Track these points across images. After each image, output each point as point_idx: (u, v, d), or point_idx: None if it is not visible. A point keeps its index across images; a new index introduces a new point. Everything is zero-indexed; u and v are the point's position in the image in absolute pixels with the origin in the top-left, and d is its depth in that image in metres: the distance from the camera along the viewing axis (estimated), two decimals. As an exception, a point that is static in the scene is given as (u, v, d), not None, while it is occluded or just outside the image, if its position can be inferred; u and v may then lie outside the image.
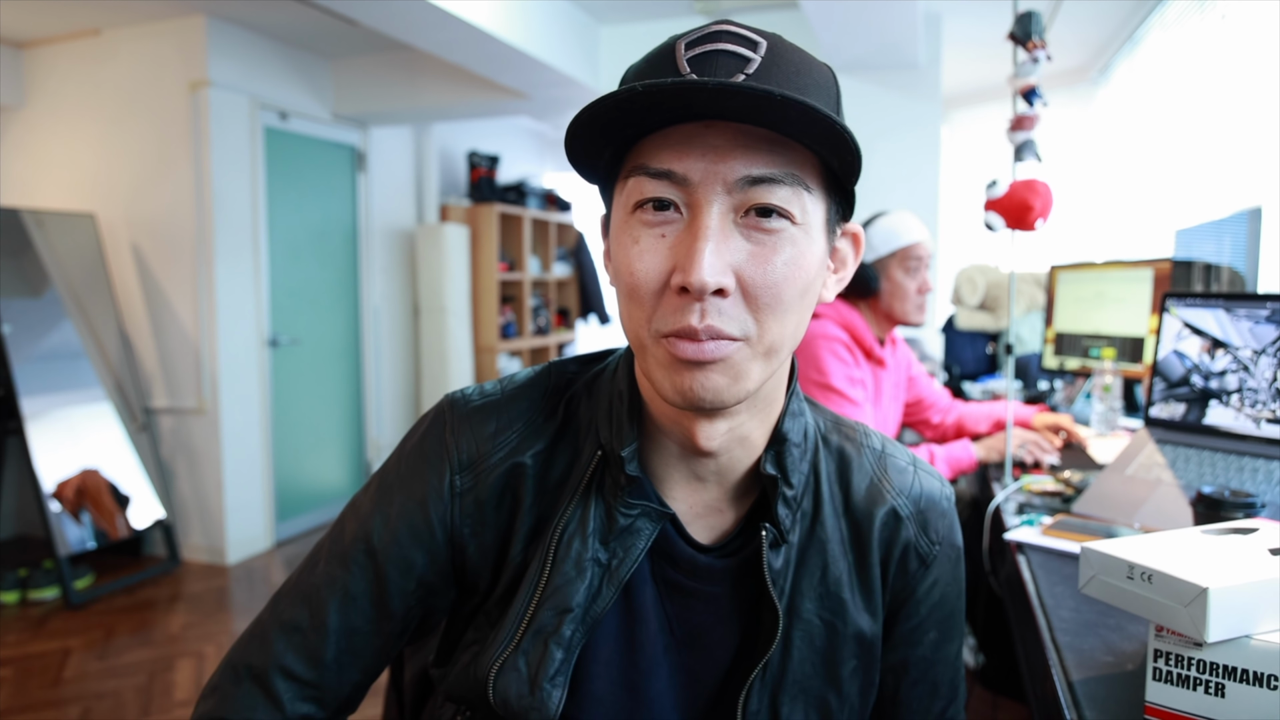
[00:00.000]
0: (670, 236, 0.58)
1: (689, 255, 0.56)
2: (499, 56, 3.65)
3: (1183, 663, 0.69)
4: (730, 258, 0.56)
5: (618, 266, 0.60)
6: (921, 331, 3.84)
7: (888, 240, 2.02)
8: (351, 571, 0.70)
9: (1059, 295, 2.55)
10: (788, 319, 0.59)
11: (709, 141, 0.56)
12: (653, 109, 0.55)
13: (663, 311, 0.58)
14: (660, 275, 0.58)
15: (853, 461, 0.73)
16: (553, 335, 6.14)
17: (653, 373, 0.60)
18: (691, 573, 0.69)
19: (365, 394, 4.92)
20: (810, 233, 0.59)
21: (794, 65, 0.59)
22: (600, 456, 0.67)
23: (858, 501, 0.72)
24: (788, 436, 0.67)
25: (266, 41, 4.10)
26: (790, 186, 0.57)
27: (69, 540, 3.42)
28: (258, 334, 4.09)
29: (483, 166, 5.51)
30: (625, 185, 0.60)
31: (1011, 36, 1.63)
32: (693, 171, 0.56)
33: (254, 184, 4.02)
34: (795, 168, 0.57)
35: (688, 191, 0.57)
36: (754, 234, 0.57)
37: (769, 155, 0.56)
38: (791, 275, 0.58)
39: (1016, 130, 1.64)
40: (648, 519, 0.66)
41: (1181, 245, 2.35)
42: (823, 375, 1.91)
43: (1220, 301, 1.50)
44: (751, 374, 0.59)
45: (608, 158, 0.61)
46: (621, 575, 0.65)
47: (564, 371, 0.74)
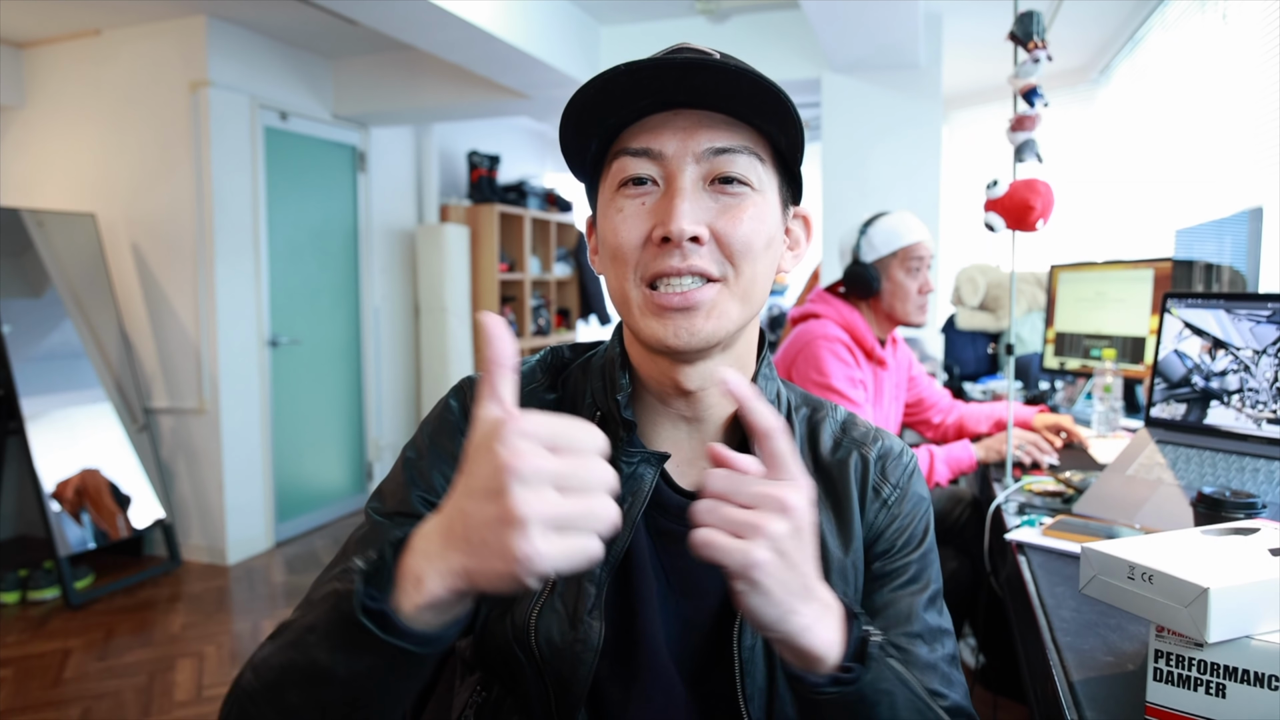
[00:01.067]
0: (650, 203, 0.68)
1: (668, 210, 0.66)
2: (499, 56, 3.65)
3: (1183, 663, 0.69)
4: (703, 215, 0.67)
5: (604, 236, 0.70)
6: (922, 331, 3.84)
7: (889, 240, 2.02)
8: (398, 523, 0.70)
9: (1059, 295, 2.55)
10: (758, 265, 0.69)
11: (678, 124, 0.67)
12: (632, 90, 0.65)
13: (645, 260, 0.67)
14: (642, 233, 0.67)
15: (820, 427, 0.81)
16: (553, 335, 6.14)
17: (636, 322, 0.69)
18: (681, 518, 0.71)
19: (365, 394, 4.92)
20: (767, 198, 0.70)
21: (752, 69, 0.67)
22: (599, 416, 0.74)
23: (825, 457, 0.79)
24: (762, 391, 0.75)
25: (266, 41, 4.10)
26: (747, 156, 0.68)
27: (69, 540, 3.42)
28: (258, 334, 4.09)
29: (483, 166, 5.51)
30: (610, 169, 0.70)
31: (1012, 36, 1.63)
32: (666, 146, 0.67)
33: (254, 184, 4.02)
34: (750, 142, 0.68)
35: (663, 164, 0.67)
36: (721, 197, 0.68)
37: (728, 132, 0.67)
38: (757, 228, 0.68)
39: (1017, 130, 1.64)
40: (647, 464, 0.72)
41: (1182, 245, 2.35)
42: (823, 375, 1.91)
43: (1221, 302, 1.50)
44: (730, 314, 0.68)
45: (594, 150, 0.71)
46: (634, 516, 0.71)
47: (561, 355, 0.83)
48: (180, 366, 3.91)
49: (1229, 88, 2.89)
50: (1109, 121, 4.56)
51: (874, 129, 4.04)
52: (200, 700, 2.67)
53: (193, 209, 3.80)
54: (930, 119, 4.03)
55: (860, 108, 4.06)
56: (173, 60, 3.81)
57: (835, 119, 4.10)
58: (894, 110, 4.03)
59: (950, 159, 5.21)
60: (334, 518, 4.69)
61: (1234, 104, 2.85)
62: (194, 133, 3.79)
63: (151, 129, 3.87)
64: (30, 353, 3.53)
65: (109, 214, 3.96)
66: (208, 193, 3.78)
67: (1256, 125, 2.61)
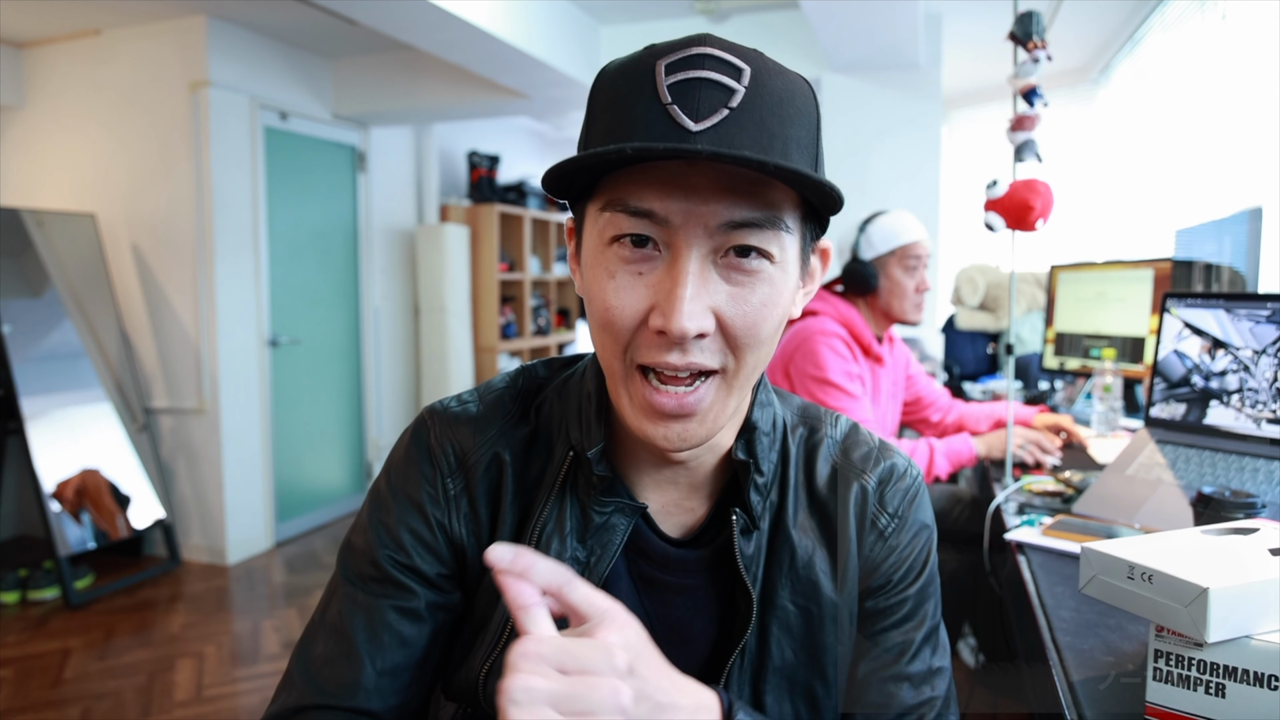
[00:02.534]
0: (648, 275, 0.58)
1: (669, 300, 0.56)
2: (499, 56, 3.64)
3: (1183, 663, 0.69)
4: (709, 299, 0.57)
5: (591, 297, 0.61)
6: (922, 331, 3.84)
7: (887, 239, 2.03)
8: (369, 590, 0.70)
9: (1059, 295, 2.55)
10: (763, 351, 0.61)
11: (690, 181, 0.55)
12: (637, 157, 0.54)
13: (639, 345, 0.59)
14: (638, 313, 0.58)
15: (817, 450, 0.74)
16: (553, 335, 6.14)
17: (624, 408, 0.62)
18: (665, 565, 0.70)
19: (365, 394, 4.92)
20: (786, 269, 0.60)
21: (777, 95, 0.57)
22: (572, 457, 0.69)
23: (821, 488, 0.72)
24: (757, 425, 0.69)
25: (266, 41, 4.10)
26: (770, 229, 0.57)
27: (69, 540, 3.42)
28: (258, 334, 4.09)
29: (483, 166, 5.51)
30: (602, 215, 0.59)
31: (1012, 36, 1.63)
32: (674, 214, 0.56)
33: (254, 184, 4.02)
34: (775, 209, 0.57)
35: (668, 232, 0.57)
36: (733, 274, 0.58)
37: (750, 198, 0.56)
38: (768, 313, 0.59)
39: (1017, 130, 1.64)
40: (621, 515, 0.68)
41: (1182, 245, 2.35)
42: (820, 370, 1.92)
43: (1220, 302, 1.50)
44: (726, 409, 0.62)
45: (581, 183, 0.61)
46: (600, 571, 0.67)
47: (534, 376, 0.76)
48: (180, 366, 3.91)
49: (1229, 88, 2.89)
50: (1109, 121, 4.56)
51: (874, 129, 4.04)
52: (200, 700, 2.67)
53: (193, 209, 3.80)
54: (930, 119, 4.03)
55: (860, 108, 4.06)
56: (173, 60, 3.81)
57: (835, 119, 4.10)
58: (894, 110, 4.03)
59: (950, 159, 5.21)
60: (334, 518, 4.69)
61: (1234, 104, 2.85)
62: (194, 133, 3.79)
63: (151, 129, 3.87)
64: (30, 353, 3.53)
65: (109, 214, 3.96)
66: (208, 193, 3.78)
67: (1256, 125, 2.61)
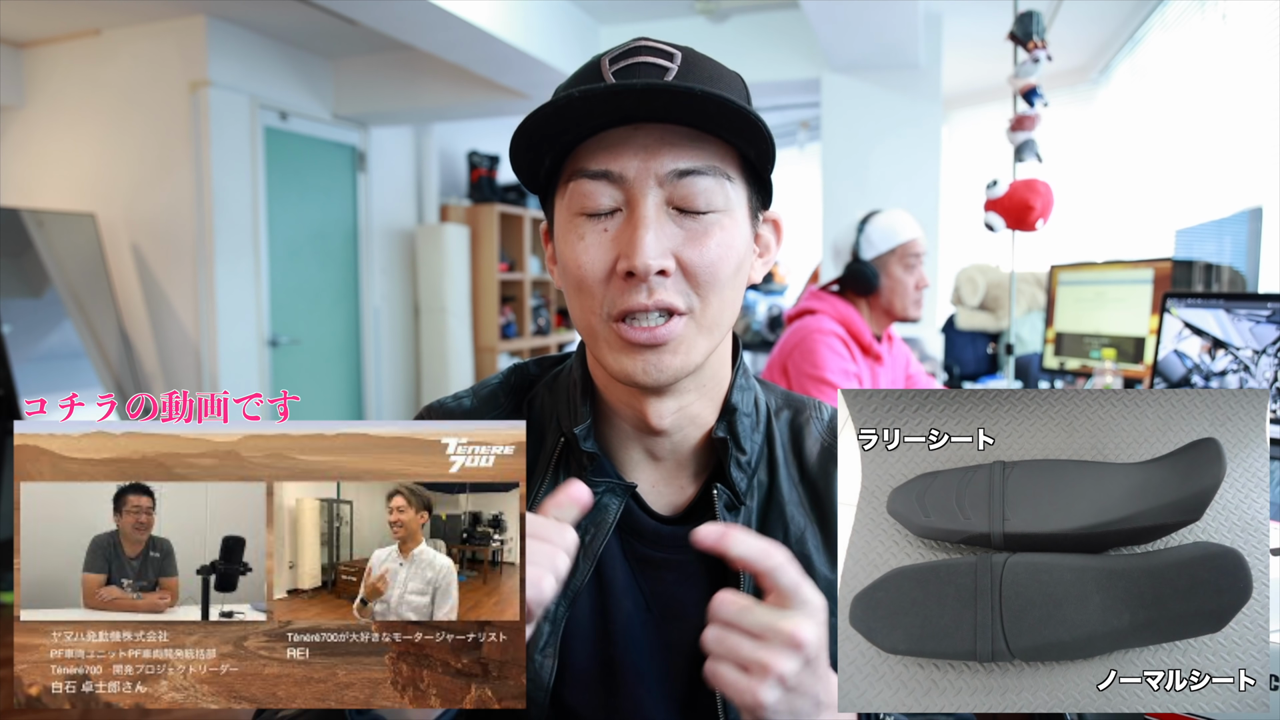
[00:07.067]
0: (612, 230, 0.64)
1: (631, 242, 0.62)
2: (499, 56, 3.65)
3: (1183, 663, 0.69)
4: (668, 243, 0.63)
5: (564, 263, 0.67)
6: (922, 331, 3.84)
7: (886, 238, 2.03)
8: None
9: (1059, 295, 2.55)
10: (725, 294, 0.66)
11: (639, 141, 0.63)
12: (587, 114, 0.62)
13: (611, 295, 0.65)
14: (605, 265, 0.64)
15: (804, 430, 0.77)
16: (553, 335, 6.14)
17: (604, 356, 0.67)
18: (657, 543, 0.72)
19: (365, 394, 4.92)
20: (735, 217, 0.66)
21: (707, 72, 0.66)
22: (563, 443, 0.73)
23: (811, 465, 0.76)
24: (737, 407, 0.72)
25: (266, 41, 4.10)
26: (714, 177, 0.64)
27: (69, 540, 3.42)
28: (258, 334, 4.09)
29: (483, 166, 5.51)
30: (566, 189, 0.66)
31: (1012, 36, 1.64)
32: (627, 169, 0.63)
33: (254, 184, 4.02)
34: (717, 160, 0.65)
35: (624, 188, 0.64)
36: (686, 221, 0.64)
37: (693, 150, 0.64)
38: (724, 255, 0.65)
39: (1017, 130, 1.64)
40: (612, 494, 0.71)
41: (1182, 245, 2.35)
42: (817, 369, 1.92)
43: (1220, 302, 1.50)
44: (697, 347, 0.66)
45: (548, 165, 0.67)
46: (595, 549, 0.70)
47: (526, 373, 0.81)
48: (180, 366, 3.91)
49: (1229, 88, 2.89)
50: (1109, 121, 4.56)
51: (874, 129, 4.04)
52: (200, 700, 2.67)
53: (193, 209, 3.80)
54: (930, 119, 4.03)
55: (860, 108, 4.06)
56: (173, 60, 3.81)
57: (835, 119, 4.10)
58: (894, 110, 4.03)
59: (950, 159, 5.21)
60: (334, 518, 4.69)
61: (1234, 104, 2.85)
62: (194, 133, 3.79)
63: (151, 129, 3.87)
64: (30, 353, 3.53)
65: (109, 214, 3.96)
66: (208, 193, 3.78)
67: (1256, 125, 2.61)
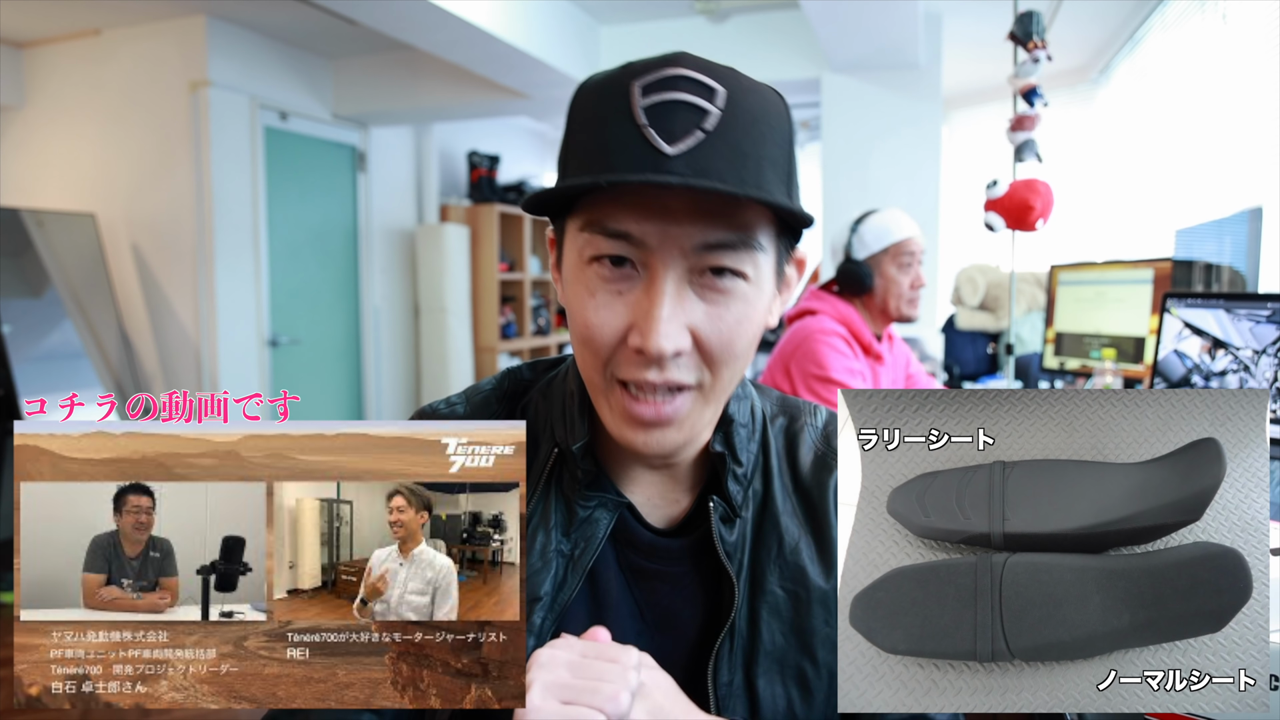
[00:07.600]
0: (627, 294, 0.60)
1: (647, 320, 0.58)
2: (499, 56, 3.65)
3: (1183, 663, 0.69)
4: (686, 318, 0.59)
5: (573, 313, 0.63)
6: (922, 331, 3.84)
7: (879, 237, 2.03)
8: None
9: (1059, 295, 2.55)
10: (738, 365, 0.64)
11: (665, 204, 0.57)
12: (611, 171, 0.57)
13: (619, 362, 0.62)
14: (617, 331, 0.60)
15: (798, 438, 0.76)
16: (553, 335, 6.14)
17: (604, 416, 0.65)
18: (652, 554, 0.72)
19: (365, 394, 4.92)
20: (760, 285, 0.63)
21: (750, 114, 0.59)
22: (557, 454, 0.71)
23: (805, 475, 0.74)
24: (734, 418, 0.71)
25: (266, 41, 4.10)
26: (743, 249, 0.60)
27: (69, 540, 3.42)
28: (258, 334, 4.09)
29: (483, 166, 5.51)
30: (580, 234, 0.61)
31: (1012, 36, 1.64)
32: (649, 235, 0.58)
33: (254, 184, 4.02)
34: (748, 230, 0.60)
35: (644, 253, 0.59)
36: (708, 293, 0.60)
37: (724, 220, 0.58)
38: (743, 330, 0.62)
39: (1017, 130, 1.64)
40: (604, 509, 0.70)
41: (1182, 245, 2.35)
42: (822, 369, 1.92)
43: (1221, 301, 1.50)
44: (703, 418, 0.65)
45: (561, 200, 0.64)
46: (585, 563, 0.69)
47: (519, 378, 0.79)
48: (180, 366, 3.91)
49: (1229, 88, 2.89)
50: (1109, 121, 4.56)
51: (874, 129, 4.04)
52: (200, 700, 2.67)
53: (193, 209, 3.80)
54: (930, 119, 4.03)
55: (860, 108, 4.06)
56: (173, 60, 3.81)
57: (835, 119, 4.09)
58: (894, 110, 4.03)
59: (950, 159, 5.21)
60: (334, 518, 4.69)
61: (1234, 104, 2.85)
62: (194, 133, 3.79)
63: (151, 129, 3.87)
64: (30, 353, 3.53)
65: (109, 214, 3.96)
66: (208, 193, 3.78)
67: (1256, 125, 2.61)
